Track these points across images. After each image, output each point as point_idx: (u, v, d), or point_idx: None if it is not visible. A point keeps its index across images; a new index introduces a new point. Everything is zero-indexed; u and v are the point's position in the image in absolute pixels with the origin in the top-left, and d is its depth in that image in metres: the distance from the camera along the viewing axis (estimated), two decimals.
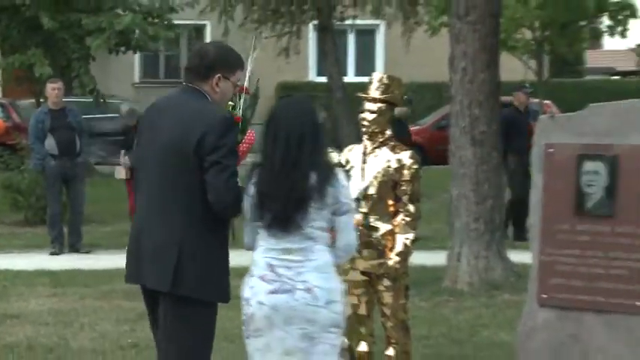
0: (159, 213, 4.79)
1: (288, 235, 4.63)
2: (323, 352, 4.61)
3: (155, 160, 4.80)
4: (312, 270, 4.61)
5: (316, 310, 4.59)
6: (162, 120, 4.85)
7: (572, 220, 5.66)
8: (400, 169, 6.65)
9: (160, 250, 4.76)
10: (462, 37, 9.95)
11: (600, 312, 5.51)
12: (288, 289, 4.60)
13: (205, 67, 4.88)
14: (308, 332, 4.60)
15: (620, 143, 5.60)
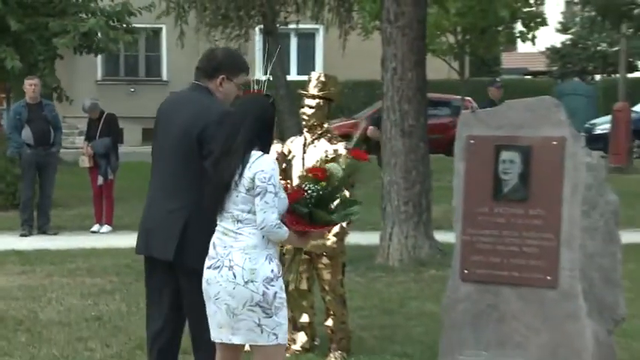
0: (168, 194, 4.89)
1: (225, 218, 4.59)
2: (246, 328, 4.52)
3: (168, 148, 4.90)
4: (237, 250, 4.54)
5: (235, 287, 4.50)
6: (174, 114, 4.95)
7: (491, 204, 5.70)
8: (337, 158, 6.64)
9: (167, 224, 4.83)
10: (393, 40, 9.97)
11: (515, 285, 5.55)
12: (217, 266, 4.56)
13: (212, 68, 4.95)
14: (230, 307, 4.53)
15: (532, 135, 5.64)
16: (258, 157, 4.54)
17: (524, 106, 5.82)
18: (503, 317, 5.57)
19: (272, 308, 4.51)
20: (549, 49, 40.88)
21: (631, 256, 9.38)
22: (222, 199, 4.55)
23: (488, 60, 35.10)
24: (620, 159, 20.22)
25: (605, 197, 5.67)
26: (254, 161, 4.52)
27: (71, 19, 18.35)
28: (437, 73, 23.76)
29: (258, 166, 4.51)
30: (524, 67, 43.34)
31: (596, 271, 5.59)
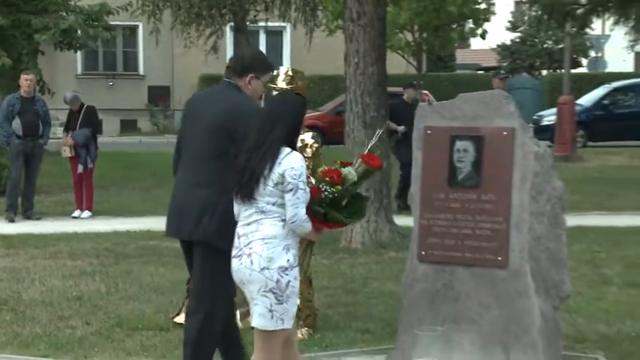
0: (197, 181, 4.94)
1: (249, 208, 4.55)
2: (258, 313, 4.51)
3: (200, 138, 4.95)
4: (257, 239, 4.51)
5: (251, 273, 4.49)
6: (206, 108, 5.01)
7: (446, 190, 5.72)
8: (304, 147, 6.65)
9: (199, 208, 4.89)
10: (355, 37, 9.96)
11: (469, 265, 5.58)
12: (239, 255, 4.56)
13: (242, 67, 5.02)
14: (249, 293, 4.55)
15: (484, 126, 5.66)
16: (288, 154, 4.50)
17: (477, 99, 5.84)
18: (457, 295, 5.60)
19: (284, 295, 4.47)
20: (500, 46, 41.04)
21: (575, 239, 9.47)
22: (252, 190, 4.51)
23: (443, 56, 35.20)
24: (565, 148, 20.36)
25: (552, 184, 5.70)
26: (284, 157, 4.48)
27: (52, 17, 18.25)
28: (396, 69, 23.78)
29: (288, 163, 4.47)
30: (477, 63, 43.47)
31: (543, 252, 5.63)
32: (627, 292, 8.09)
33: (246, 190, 4.51)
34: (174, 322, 7.01)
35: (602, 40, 29.24)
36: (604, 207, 13.12)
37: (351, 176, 4.69)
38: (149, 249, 10.32)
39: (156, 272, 9.01)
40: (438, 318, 5.60)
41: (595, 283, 8.39)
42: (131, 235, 11.26)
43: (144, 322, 6.99)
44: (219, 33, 21.66)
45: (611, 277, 8.65)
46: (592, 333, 6.69)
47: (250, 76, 5.01)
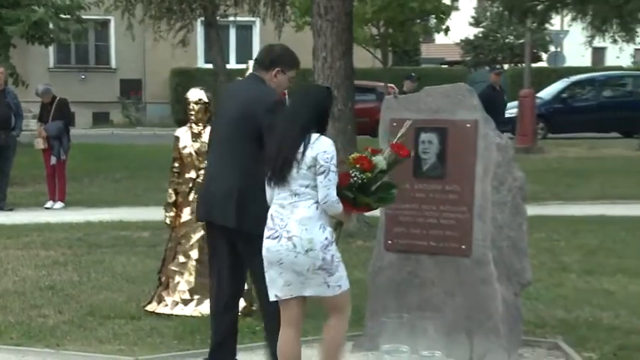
0: (226, 167, 5.02)
1: (282, 191, 4.66)
2: (315, 284, 4.65)
3: (227, 128, 5.05)
4: (293, 221, 4.61)
5: (297, 256, 4.61)
6: (233, 99, 5.14)
7: (412, 181, 5.72)
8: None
9: (227, 193, 4.95)
10: (322, 32, 9.94)
11: (433, 254, 5.59)
12: (276, 237, 4.65)
13: (269, 61, 5.10)
14: (297, 271, 4.64)
15: (448, 118, 5.67)
16: (318, 138, 4.63)
17: (441, 92, 5.85)
18: (422, 283, 5.61)
19: (332, 267, 4.64)
20: (463, 41, 41.19)
21: (536, 228, 9.53)
22: (285, 175, 4.61)
23: (409, 51, 35.25)
24: (526, 140, 20.48)
25: (513, 174, 5.73)
26: (314, 142, 4.61)
27: (24, 10, 18.05)
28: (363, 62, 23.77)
29: (320, 147, 4.60)
30: (442, 57, 43.63)
31: (505, 240, 5.65)
32: (585, 279, 8.16)
33: (280, 174, 4.63)
34: (146, 310, 6.97)
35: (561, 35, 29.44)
36: (563, 197, 13.22)
37: (380, 164, 4.81)
38: (121, 239, 10.25)
39: (128, 262, 8.95)
40: (404, 305, 5.61)
41: (554, 271, 8.45)
42: (103, 225, 11.17)
43: (116, 311, 6.94)
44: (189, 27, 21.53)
45: (570, 265, 8.71)
46: (551, 318, 6.73)
47: (277, 69, 5.09)
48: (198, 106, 7.09)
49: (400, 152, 4.90)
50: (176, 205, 7.15)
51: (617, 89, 26.20)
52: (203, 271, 7.02)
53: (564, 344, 5.96)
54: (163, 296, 7.04)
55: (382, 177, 4.82)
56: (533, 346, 6.00)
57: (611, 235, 10.33)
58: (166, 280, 7.09)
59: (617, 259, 9.02)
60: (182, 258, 7.06)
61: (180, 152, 7.13)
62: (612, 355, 5.70)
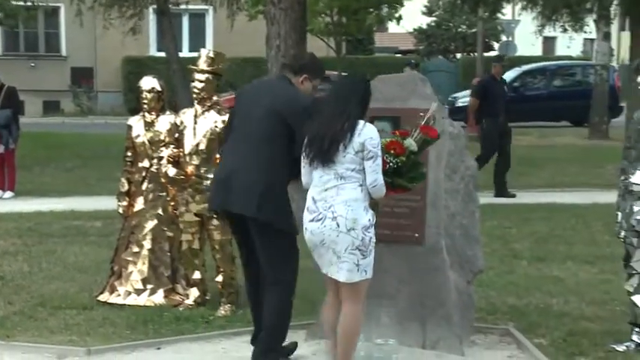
0: (253, 161, 5.11)
1: (326, 174, 4.82)
2: (347, 269, 4.79)
3: (253, 123, 5.16)
4: (339, 203, 4.79)
5: (339, 235, 4.77)
6: (261, 96, 5.26)
7: None
8: None
9: (251, 185, 5.06)
10: (276, 20, 9.90)
11: (388, 242, 5.61)
12: (320, 219, 4.83)
13: (299, 66, 5.32)
14: (335, 251, 4.80)
15: (402, 107, 5.69)
16: (365, 125, 4.82)
17: (395, 81, 5.87)
18: (377, 271, 5.61)
19: (367, 250, 4.81)
20: (416, 30, 41.35)
21: (488, 215, 9.63)
22: (332, 157, 4.78)
23: (362, 39, 35.30)
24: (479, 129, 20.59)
25: (466, 163, 5.77)
26: (362, 128, 4.79)
27: None
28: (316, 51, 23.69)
29: (368, 133, 4.79)
30: (395, 46, 43.75)
31: (458, 228, 5.70)
32: (536, 266, 8.27)
33: (326, 156, 4.80)
34: (98, 300, 6.91)
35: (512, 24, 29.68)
36: (514, 185, 13.35)
37: (412, 147, 5.05)
38: (73, 229, 10.14)
39: (80, 252, 8.86)
40: None
41: (506, 258, 8.54)
42: (55, 215, 11.04)
43: (67, 301, 6.87)
44: (140, 15, 21.31)
45: (521, 252, 8.82)
46: (503, 305, 6.81)
47: (304, 76, 5.28)
48: (151, 95, 7.04)
49: (429, 133, 5.15)
50: (129, 194, 7.10)
51: (568, 78, 26.50)
52: (156, 260, 6.99)
53: (515, 330, 6.04)
54: (116, 286, 6.99)
55: (415, 159, 5.07)
56: (485, 333, 6.07)
57: (561, 222, 10.48)
58: (119, 269, 7.04)
59: (567, 246, 9.15)
60: (135, 247, 7.01)
61: (133, 141, 7.08)
62: (562, 341, 5.79)
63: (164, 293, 6.95)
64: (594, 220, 10.47)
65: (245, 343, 5.86)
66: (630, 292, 5.65)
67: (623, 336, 5.77)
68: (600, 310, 6.70)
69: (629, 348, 5.60)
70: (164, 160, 6.69)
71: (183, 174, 6.63)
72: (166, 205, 6.98)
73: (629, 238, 5.59)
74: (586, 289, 7.37)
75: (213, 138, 6.58)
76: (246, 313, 6.53)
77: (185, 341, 5.93)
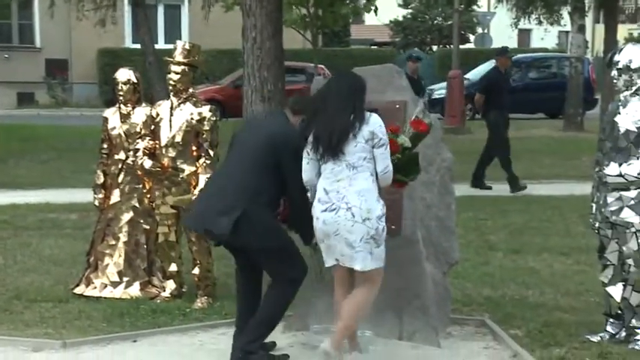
0: (236, 186, 5.18)
1: (337, 166, 4.93)
2: (362, 258, 4.89)
3: (248, 151, 5.27)
4: (352, 193, 4.89)
5: (354, 225, 4.86)
6: (261, 129, 5.38)
7: None
8: (201, 120, 6.58)
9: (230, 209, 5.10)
10: (252, 12, 9.87)
11: None
12: (334, 209, 4.90)
13: (299, 108, 5.36)
14: (349, 241, 4.89)
15: (378, 99, 5.70)
16: (371, 115, 4.99)
17: (371, 73, 5.87)
18: None
19: (380, 239, 4.93)
20: (393, 22, 41.40)
21: (463, 207, 9.66)
22: (343, 147, 4.90)
23: (338, 31, 35.28)
24: (455, 121, 20.70)
25: (442, 155, 5.79)
26: (368, 118, 4.96)
27: None
28: (293, 43, 23.72)
29: (376, 121, 4.97)
30: (371, 38, 43.76)
31: (434, 220, 5.72)
32: (511, 257, 8.32)
33: (337, 148, 4.91)
34: (74, 293, 6.88)
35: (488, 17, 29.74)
36: (490, 177, 13.39)
37: (406, 144, 5.18)
38: (48, 221, 10.08)
39: (55, 244, 8.82)
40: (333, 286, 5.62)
41: (481, 250, 8.59)
42: (29, 207, 10.97)
43: (43, 294, 6.84)
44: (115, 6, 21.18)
45: (497, 244, 8.87)
46: (478, 296, 6.85)
47: (303, 117, 5.30)
48: (127, 87, 7.01)
49: (420, 128, 5.26)
50: (105, 186, 7.07)
51: (543, 71, 26.64)
52: (132, 253, 6.97)
53: (491, 322, 6.07)
54: (92, 279, 6.96)
55: (409, 154, 5.18)
56: (461, 324, 6.10)
57: (536, 214, 10.54)
58: (95, 262, 7.01)
59: (542, 237, 9.21)
60: (111, 240, 6.98)
61: (109, 133, 7.05)
62: (537, 332, 5.82)
63: (140, 286, 6.93)
64: (570, 211, 10.54)
65: (222, 335, 5.86)
66: (605, 284, 5.70)
67: (597, 327, 5.82)
68: (575, 301, 6.75)
69: (604, 338, 5.64)
70: (140, 152, 6.66)
71: (159, 166, 6.61)
72: (142, 198, 6.96)
73: (603, 230, 5.63)
74: (561, 280, 7.43)
75: (189, 130, 6.56)
76: (223, 305, 6.54)
77: (161, 334, 5.92)
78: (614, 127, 5.54)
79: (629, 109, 5.52)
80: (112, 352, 5.55)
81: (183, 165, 6.58)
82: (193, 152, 6.61)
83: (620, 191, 5.49)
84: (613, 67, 5.61)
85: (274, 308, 5.28)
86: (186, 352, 5.55)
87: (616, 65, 5.58)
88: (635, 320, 5.59)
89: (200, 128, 6.57)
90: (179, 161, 6.59)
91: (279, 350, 5.48)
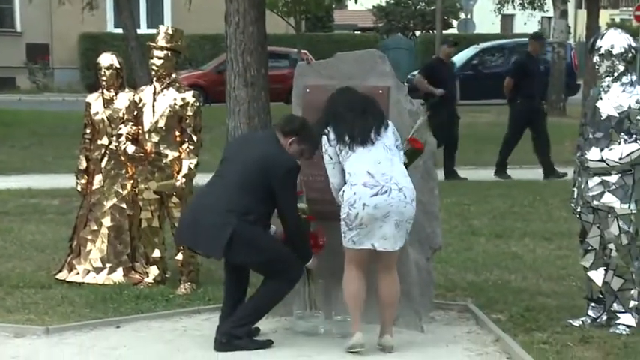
0: (224, 204, 5.19)
1: (374, 149, 5.11)
2: (401, 237, 5.11)
3: (237, 169, 5.29)
4: (398, 174, 5.08)
5: (405, 206, 5.05)
6: (253, 148, 5.39)
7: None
8: (185, 106, 6.57)
9: (218, 229, 5.14)
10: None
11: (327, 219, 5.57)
12: (385, 191, 5.01)
13: (289, 129, 5.38)
14: (398, 221, 5.05)
15: (361, 84, 5.70)
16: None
17: (354, 58, 5.87)
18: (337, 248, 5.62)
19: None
20: (376, 8, 41.33)
21: (446, 192, 9.69)
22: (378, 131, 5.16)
23: (321, 17, 35.19)
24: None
25: (424, 140, 5.80)
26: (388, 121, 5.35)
27: None
28: (276, 28, 23.66)
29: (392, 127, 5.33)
30: (355, 24, 43.68)
31: (417, 205, 5.72)
32: (494, 242, 8.35)
33: (372, 131, 5.13)
34: (57, 278, 6.87)
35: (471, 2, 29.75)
36: (473, 162, 13.45)
37: (404, 160, 5.34)
38: (30, 207, 10.04)
39: (37, 230, 8.78)
40: (318, 271, 5.63)
41: (464, 235, 8.62)
42: (11, 193, 10.91)
43: (25, 280, 6.81)
44: None
45: (480, 229, 8.90)
46: (462, 281, 6.88)
47: (293, 139, 5.35)
48: (110, 72, 6.98)
49: (416, 146, 5.46)
50: (88, 172, 7.05)
51: None
52: (115, 239, 6.95)
53: (474, 306, 6.10)
54: (75, 264, 6.94)
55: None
56: (445, 309, 6.13)
57: (519, 199, 10.58)
58: (78, 247, 6.99)
59: (524, 223, 9.25)
60: (94, 226, 6.96)
61: (92, 119, 7.01)
62: (520, 316, 5.86)
63: (123, 271, 6.91)
64: (552, 196, 10.59)
65: (205, 320, 5.87)
66: (586, 268, 5.73)
67: (579, 311, 5.86)
68: (557, 285, 6.79)
69: (585, 323, 5.68)
70: (123, 137, 6.64)
71: (143, 151, 6.59)
72: (125, 183, 6.94)
73: (584, 215, 5.66)
74: (543, 265, 7.47)
75: (172, 115, 6.55)
76: (207, 291, 6.54)
77: (145, 319, 5.92)
78: (596, 113, 5.56)
79: (611, 94, 5.54)
80: (95, 338, 5.55)
81: (166, 150, 6.57)
82: (177, 138, 6.59)
83: (602, 176, 5.52)
84: (595, 53, 5.62)
85: (267, 299, 5.32)
86: (170, 338, 5.55)
87: (598, 51, 5.60)
88: (616, 304, 5.63)
89: (183, 113, 6.55)
90: (162, 146, 6.57)
91: (263, 335, 5.49)
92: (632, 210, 5.51)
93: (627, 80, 5.55)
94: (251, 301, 5.33)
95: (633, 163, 5.48)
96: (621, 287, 5.60)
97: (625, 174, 5.49)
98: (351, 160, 5.14)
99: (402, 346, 5.30)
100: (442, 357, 5.18)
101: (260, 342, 5.34)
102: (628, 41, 5.62)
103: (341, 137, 5.17)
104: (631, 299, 5.59)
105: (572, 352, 5.14)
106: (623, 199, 5.49)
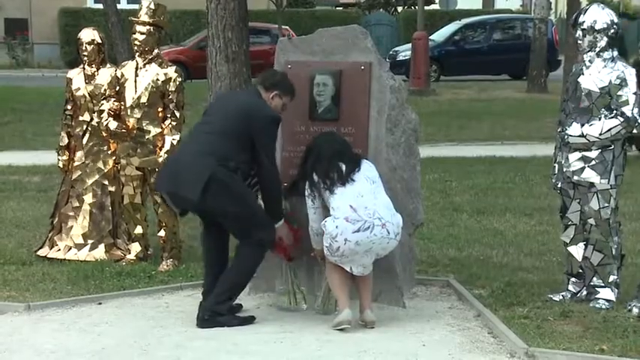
0: (206, 149, 5.24)
1: (356, 182, 5.13)
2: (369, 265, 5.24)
3: (220, 118, 5.37)
4: (382, 207, 5.11)
5: (389, 242, 5.13)
6: (235, 102, 5.53)
7: (307, 123, 5.75)
8: (167, 81, 6.54)
9: (198, 171, 5.15)
10: None
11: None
12: (367, 227, 5.03)
13: (270, 83, 5.46)
14: (380, 254, 5.18)
15: (342, 60, 5.69)
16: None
17: (335, 34, 5.85)
18: None
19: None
20: None
21: (429, 169, 9.73)
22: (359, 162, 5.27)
23: None
24: (420, 82, 20.70)
25: (407, 116, 5.81)
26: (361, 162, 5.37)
27: None
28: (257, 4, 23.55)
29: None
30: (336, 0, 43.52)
31: (399, 182, 5.74)
32: (476, 218, 8.39)
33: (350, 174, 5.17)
34: (38, 255, 6.85)
35: None
36: (455, 138, 13.49)
37: None
38: (10, 184, 9.99)
39: (18, 207, 8.74)
40: (300, 248, 5.64)
41: (446, 211, 8.65)
42: None
43: (6, 257, 6.79)
44: None
45: (462, 205, 8.93)
46: (444, 257, 6.91)
47: (275, 93, 5.43)
48: (92, 47, 6.94)
49: None
50: (69, 148, 7.01)
51: (507, 32, 26.67)
52: (97, 215, 6.93)
53: (456, 282, 6.14)
54: (56, 241, 6.92)
55: None
56: (427, 285, 6.16)
57: (500, 175, 10.63)
58: (59, 224, 6.97)
59: (506, 198, 9.30)
60: (76, 202, 6.94)
61: (73, 94, 6.97)
62: (501, 292, 5.90)
63: (105, 248, 6.90)
64: (533, 173, 10.64)
65: (188, 297, 5.87)
66: (566, 243, 5.77)
67: (559, 286, 5.91)
68: (538, 261, 6.84)
69: (565, 297, 5.73)
70: (105, 113, 6.60)
71: (125, 127, 6.56)
72: (107, 159, 6.91)
73: (565, 190, 5.70)
74: (524, 240, 7.52)
75: (154, 91, 6.52)
76: (189, 267, 6.54)
77: (127, 296, 5.92)
78: (577, 88, 5.58)
79: (593, 69, 5.56)
80: (77, 315, 5.54)
81: (148, 126, 6.54)
82: (159, 113, 6.57)
83: (582, 151, 5.55)
84: (577, 28, 5.63)
85: (242, 269, 5.33)
86: (152, 314, 5.55)
87: (580, 26, 5.61)
88: (595, 279, 5.68)
89: (166, 89, 6.53)
90: (145, 122, 6.55)
91: (246, 312, 5.51)
92: (611, 185, 5.55)
93: (609, 56, 5.57)
94: (227, 274, 5.34)
95: (613, 139, 5.51)
96: (601, 262, 5.65)
97: (605, 149, 5.52)
98: (334, 197, 5.18)
99: (384, 322, 5.33)
100: (424, 332, 5.22)
101: (243, 318, 5.35)
102: (611, 17, 5.63)
103: (323, 179, 5.22)
104: (610, 274, 5.64)
105: (552, 327, 5.19)
106: (603, 175, 5.53)
